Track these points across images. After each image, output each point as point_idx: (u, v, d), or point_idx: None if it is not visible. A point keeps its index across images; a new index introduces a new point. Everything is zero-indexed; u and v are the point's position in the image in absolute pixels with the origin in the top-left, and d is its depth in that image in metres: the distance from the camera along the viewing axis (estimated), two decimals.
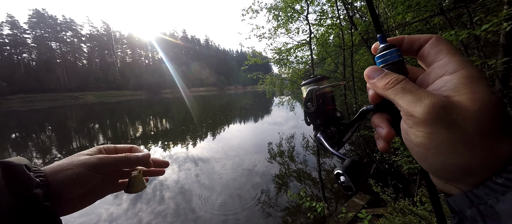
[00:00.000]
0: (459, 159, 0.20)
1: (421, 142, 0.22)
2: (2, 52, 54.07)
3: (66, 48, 63.76)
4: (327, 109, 0.35)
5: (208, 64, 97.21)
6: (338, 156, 0.30)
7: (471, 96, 0.20)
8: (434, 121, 0.20)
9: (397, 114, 0.25)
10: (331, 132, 0.34)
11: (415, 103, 0.21)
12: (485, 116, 0.19)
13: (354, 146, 6.69)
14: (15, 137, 11.21)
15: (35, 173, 0.29)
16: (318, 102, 0.34)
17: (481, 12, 2.25)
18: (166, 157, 6.58)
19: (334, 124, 0.34)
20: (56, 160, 4.05)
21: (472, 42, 2.45)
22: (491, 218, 0.19)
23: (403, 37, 0.27)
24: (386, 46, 0.26)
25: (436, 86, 0.23)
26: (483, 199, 0.20)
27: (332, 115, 0.35)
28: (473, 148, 0.20)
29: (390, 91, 0.24)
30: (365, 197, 3.45)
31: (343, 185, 0.26)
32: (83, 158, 0.34)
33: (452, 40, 1.32)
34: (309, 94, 0.34)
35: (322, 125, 0.34)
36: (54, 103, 36.77)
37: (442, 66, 0.23)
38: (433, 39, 0.25)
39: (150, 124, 13.87)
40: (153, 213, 3.69)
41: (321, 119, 0.34)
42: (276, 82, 6.51)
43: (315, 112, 0.35)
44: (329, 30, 4.91)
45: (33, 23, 59.01)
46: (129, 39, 79.34)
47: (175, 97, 42.39)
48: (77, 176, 0.32)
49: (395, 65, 0.26)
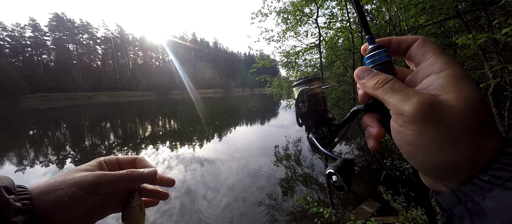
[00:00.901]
0: (447, 156, 0.20)
1: (410, 140, 0.22)
2: (24, 53, 57.34)
3: (82, 50, 66.72)
4: (319, 110, 0.35)
5: (216, 66, 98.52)
6: (330, 156, 0.30)
7: (457, 94, 0.20)
8: (422, 119, 0.21)
9: (386, 113, 0.26)
10: (323, 132, 0.34)
11: (403, 102, 0.22)
12: (471, 114, 0.20)
13: (363, 152, 6.52)
14: (32, 134, 11.79)
15: (18, 195, 0.25)
16: (309, 103, 0.34)
17: (501, 14, 2.15)
18: (173, 157, 6.68)
19: (325, 125, 0.34)
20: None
21: (490, 46, 2.35)
22: (478, 215, 0.19)
23: (391, 38, 0.28)
24: (375, 47, 0.27)
25: (424, 86, 0.23)
26: (470, 197, 0.20)
27: (323, 116, 0.35)
28: (459, 145, 0.20)
29: (379, 91, 0.24)
30: (374, 205, 3.34)
31: (335, 185, 0.26)
32: (78, 176, 0.30)
33: (470, 44, 1.26)
34: (300, 95, 0.34)
35: (314, 126, 0.35)
36: (70, 103, 38.49)
37: (429, 66, 0.24)
38: (420, 40, 0.25)
39: (159, 124, 14.18)
40: (159, 212, 3.74)
41: (313, 120, 0.35)
42: (284, 85, 6.49)
43: (306, 113, 0.35)
44: (338, 33, 4.85)
45: (53, 26, 62.28)
46: (141, 41, 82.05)
47: (184, 99, 43.18)
48: (69, 198, 0.27)
49: (384, 66, 0.26)
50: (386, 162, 4.20)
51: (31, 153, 7.66)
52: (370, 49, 0.27)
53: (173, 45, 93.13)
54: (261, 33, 5.31)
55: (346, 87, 5.32)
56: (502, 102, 2.27)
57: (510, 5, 1.84)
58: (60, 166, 6.23)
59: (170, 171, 5.57)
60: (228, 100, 36.22)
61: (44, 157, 7.16)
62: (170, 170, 5.67)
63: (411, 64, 0.28)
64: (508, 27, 1.23)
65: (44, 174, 5.65)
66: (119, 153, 7.50)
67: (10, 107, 30.74)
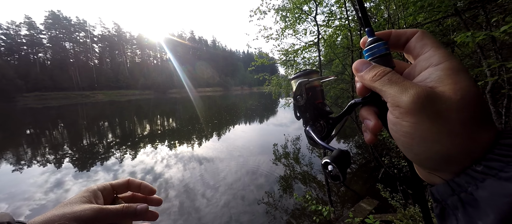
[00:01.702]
0: (442, 147, 0.21)
1: (407, 132, 0.22)
2: (19, 52, 56.66)
3: (79, 48, 66.04)
4: (317, 103, 0.35)
5: (214, 65, 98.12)
6: (327, 147, 0.30)
7: (454, 86, 0.21)
8: (419, 111, 0.21)
9: (384, 107, 0.26)
10: (320, 125, 0.34)
11: (401, 94, 0.22)
12: (467, 105, 0.20)
13: (361, 150, 6.56)
14: (29, 133, 11.69)
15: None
16: (307, 96, 0.34)
17: (499, 12, 2.15)
18: (171, 156, 6.66)
19: (323, 118, 0.34)
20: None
21: (488, 44, 2.35)
22: (471, 205, 0.19)
23: (391, 31, 0.28)
24: (374, 40, 0.27)
25: (422, 78, 0.24)
26: (463, 187, 0.20)
27: (321, 109, 0.35)
28: (455, 137, 0.20)
29: (377, 83, 0.25)
30: (372, 202, 3.37)
31: (330, 174, 0.26)
32: (77, 210, 0.31)
33: (468, 42, 1.26)
34: (299, 88, 0.34)
35: (312, 119, 0.35)
36: (67, 101, 38.15)
37: (427, 58, 0.24)
38: (419, 33, 0.26)
39: (157, 122, 14.13)
40: (158, 210, 3.73)
41: (311, 113, 0.35)
42: (283, 84, 6.48)
43: (304, 105, 0.35)
44: (337, 31, 4.84)
45: (49, 24, 61.49)
46: (138, 39, 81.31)
47: (182, 97, 43.02)
48: None
49: (382, 58, 0.27)
50: (384, 159, 4.23)
51: (28, 153, 7.60)
52: (369, 41, 0.27)
53: (171, 43, 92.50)
54: (260, 31, 5.28)
55: (344, 86, 5.32)
56: (499, 100, 2.29)
57: (508, 3, 1.84)
58: (57, 165, 6.19)
59: (169, 170, 5.56)
60: (227, 99, 36.16)
61: (41, 157, 7.11)
62: (169, 168, 5.66)
63: (409, 57, 0.28)
64: (506, 25, 1.23)
65: (42, 173, 5.61)
66: (117, 152, 7.47)
67: (7, 106, 30.44)
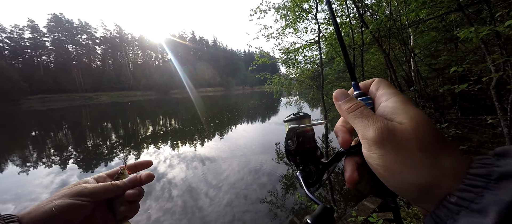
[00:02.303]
0: (411, 178, 0.21)
1: (378, 163, 0.24)
2: (23, 55, 57.31)
3: (81, 50, 66.59)
4: (307, 147, 0.36)
5: (215, 65, 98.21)
6: (313, 200, 0.31)
7: (406, 115, 0.23)
8: (383, 143, 0.23)
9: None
10: (310, 170, 0.35)
11: (367, 128, 0.24)
12: (421, 132, 0.22)
13: None
14: (34, 135, 11.85)
15: (4, 220, 0.27)
16: (298, 141, 0.35)
17: (503, 7, 2.12)
18: (174, 156, 6.70)
19: (313, 163, 0.35)
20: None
21: (492, 39, 2.32)
22: None
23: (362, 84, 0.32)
24: (359, 94, 0.31)
25: (378, 113, 0.26)
26: (443, 220, 0.20)
27: (311, 153, 0.36)
28: (419, 165, 0.21)
29: (350, 115, 0.27)
30: (376, 201, 3.35)
31: None
32: (65, 189, 0.33)
33: (472, 37, 1.25)
34: (289, 132, 0.35)
35: (302, 163, 0.35)
36: (70, 103, 38.54)
37: (379, 97, 0.28)
38: (376, 80, 0.30)
39: (159, 123, 14.21)
40: (162, 210, 3.77)
41: (301, 157, 0.36)
42: (284, 83, 6.47)
43: (295, 150, 0.36)
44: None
45: (52, 27, 62.07)
46: (140, 41, 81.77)
47: (184, 98, 43.17)
48: (56, 208, 0.29)
49: None
50: None
51: (34, 154, 7.70)
52: (356, 95, 0.31)
53: (172, 44, 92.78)
54: (260, 30, 5.27)
55: (346, 83, 5.30)
56: (504, 96, 2.26)
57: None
58: (62, 166, 6.26)
59: (172, 170, 5.59)
60: (229, 99, 36.20)
61: (47, 158, 7.20)
62: (172, 168, 5.70)
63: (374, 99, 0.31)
64: (511, 19, 1.21)
65: (48, 174, 5.69)
66: (121, 153, 7.54)
67: (12, 109, 30.85)
